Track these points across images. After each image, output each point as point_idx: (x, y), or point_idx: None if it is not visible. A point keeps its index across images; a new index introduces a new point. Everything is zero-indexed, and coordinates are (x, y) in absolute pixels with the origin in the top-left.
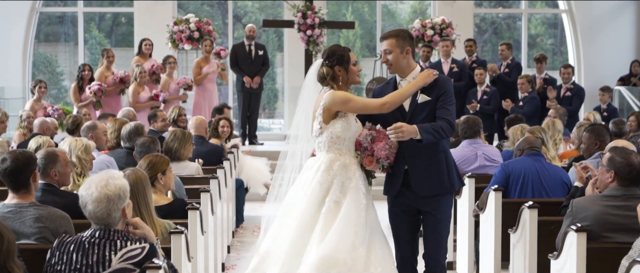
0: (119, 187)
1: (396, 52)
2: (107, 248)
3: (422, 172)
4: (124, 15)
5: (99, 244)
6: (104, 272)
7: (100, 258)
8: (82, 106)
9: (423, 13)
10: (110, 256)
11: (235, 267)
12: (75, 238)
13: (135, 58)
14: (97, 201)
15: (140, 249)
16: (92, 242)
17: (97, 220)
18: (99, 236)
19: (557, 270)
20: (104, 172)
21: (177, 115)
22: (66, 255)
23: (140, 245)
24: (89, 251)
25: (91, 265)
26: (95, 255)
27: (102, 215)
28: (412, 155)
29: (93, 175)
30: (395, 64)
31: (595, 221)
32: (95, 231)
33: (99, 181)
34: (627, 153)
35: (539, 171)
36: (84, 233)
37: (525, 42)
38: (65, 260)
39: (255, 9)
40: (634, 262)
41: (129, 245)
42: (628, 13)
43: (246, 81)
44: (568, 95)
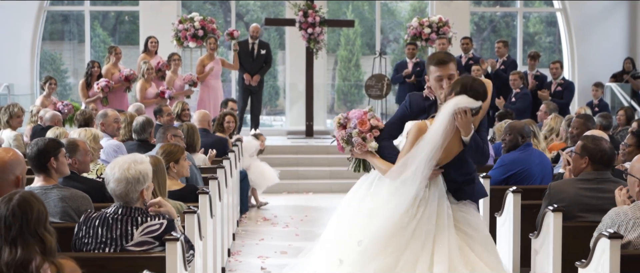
0: (140, 171)
1: (456, 75)
2: (129, 223)
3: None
4: (128, 13)
5: (122, 220)
6: (127, 244)
7: (123, 232)
8: (89, 101)
9: (422, 11)
10: (132, 230)
11: (240, 253)
12: (99, 214)
13: (142, 55)
14: (118, 181)
15: (159, 225)
16: (115, 218)
17: (117, 197)
18: (121, 213)
19: (537, 248)
20: (130, 156)
21: (181, 110)
22: (92, 230)
23: (159, 221)
24: (112, 226)
25: (115, 239)
26: (118, 230)
27: (121, 193)
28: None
29: (120, 157)
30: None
31: (571, 203)
32: (117, 208)
33: (123, 163)
34: (598, 139)
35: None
36: (108, 209)
37: (520, 40)
38: (91, 234)
39: (257, 7)
40: (601, 235)
41: (149, 221)
42: (620, 11)
43: (246, 79)
44: (559, 90)
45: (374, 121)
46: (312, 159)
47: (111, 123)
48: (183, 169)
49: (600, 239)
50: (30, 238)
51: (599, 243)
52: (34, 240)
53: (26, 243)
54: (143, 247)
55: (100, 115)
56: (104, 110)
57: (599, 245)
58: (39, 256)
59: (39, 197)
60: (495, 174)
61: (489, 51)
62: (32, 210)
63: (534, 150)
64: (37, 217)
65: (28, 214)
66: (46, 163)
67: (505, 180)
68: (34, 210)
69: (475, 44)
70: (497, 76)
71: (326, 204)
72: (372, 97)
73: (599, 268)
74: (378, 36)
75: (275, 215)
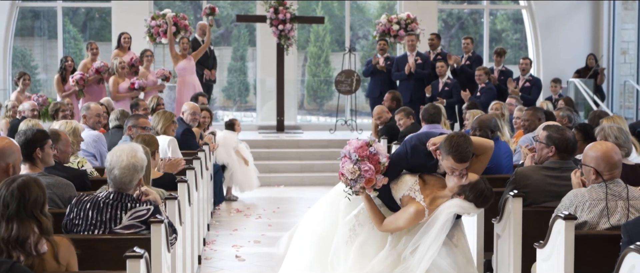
0: (142, 160)
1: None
2: (118, 208)
3: None
4: (98, 10)
5: (112, 204)
6: (115, 227)
7: (113, 216)
8: (65, 95)
9: (391, 9)
10: (121, 215)
11: (215, 243)
12: (91, 198)
13: (115, 51)
14: (126, 168)
15: (146, 210)
16: (107, 202)
17: (118, 184)
18: (113, 198)
19: (499, 232)
20: (128, 145)
21: (156, 104)
22: (83, 212)
23: (146, 207)
24: (103, 210)
25: (105, 222)
26: (108, 213)
27: (125, 180)
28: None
29: (122, 144)
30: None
31: (536, 189)
32: (110, 194)
33: (130, 151)
34: (561, 129)
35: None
36: (100, 194)
37: (487, 37)
38: (82, 216)
39: (227, 4)
40: (556, 216)
41: (137, 206)
42: (584, 9)
43: (206, 74)
44: (527, 86)
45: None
46: (284, 154)
47: (93, 116)
48: (158, 160)
49: (556, 220)
50: (26, 217)
51: (555, 224)
52: (30, 219)
53: (22, 222)
54: (130, 230)
55: (84, 108)
56: (87, 103)
57: (555, 226)
58: (35, 234)
59: (41, 184)
60: None
61: (457, 47)
62: (30, 193)
63: (502, 143)
64: (35, 200)
65: (26, 196)
66: (32, 152)
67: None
68: (33, 193)
69: (444, 40)
70: (462, 71)
71: (297, 196)
72: (342, 93)
73: (555, 249)
74: (347, 32)
75: (248, 207)
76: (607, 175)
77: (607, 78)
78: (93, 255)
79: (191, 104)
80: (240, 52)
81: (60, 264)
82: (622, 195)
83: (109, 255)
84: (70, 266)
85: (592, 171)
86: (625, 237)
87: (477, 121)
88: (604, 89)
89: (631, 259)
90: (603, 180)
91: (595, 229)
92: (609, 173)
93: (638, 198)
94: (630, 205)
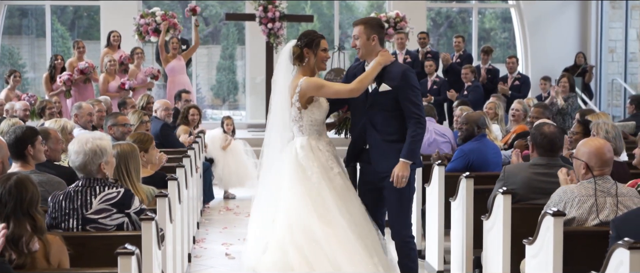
0: (98, 146)
1: (363, 39)
2: (87, 193)
3: (382, 151)
4: (86, 8)
5: (82, 191)
6: (87, 212)
7: (83, 202)
8: (53, 94)
9: (379, 7)
10: (91, 199)
11: (205, 241)
12: (64, 191)
13: (104, 50)
14: (77, 153)
15: (116, 193)
16: (77, 190)
17: (77, 168)
18: (82, 185)
19: (488, 229)
20: (92, 133)
21: (146, 103)
22: (57, 204)
23: (116, 190)
24: (74, 197)
25: (76, 209)
26: (79, 200)
27: (80, 164)
28: (371, 134)
29: (83, 133)
30: (362, 49)
31: (523, 186)
32: (79, 181)
33: (82, 138)
34: (541, 125)
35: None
36: (71, 186)
37: (475, 35)
38: (57, 209)
39: (216, 3)
40: (545, 213)
41: (106, 189)
42: (572, 7)
43: None
44: (516, 84)
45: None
46: None
47: (85, 115)
48: (152, 157)
49: (545, 217)
50: (22, 216)
51: (544, 221)
52: (25, 218)
53: (18, 220)
54: (102, 215)
55: (75, 107)
56: (79, 103)
57: (544, 223)
58: (28, 232)
59: (34, 181)
60: (457, 165)
61: (446, 45)
62: (27, 191)
63: (489, 141)
64: (31, 198)
65: (23, 194)
66: (24, 149)
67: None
68: (29, 192)
69: (432, 39)
70: (452, 69)
71: None
72: None
73: (544, 245)
74: (336, 31)
75: (238, 205)
76: (597, 170)
77: (595, 76)
78: (84, 253)
79: (162, 100)
80: (229, 51)
81: (50, 263)
82: (611, 192)
83: (100, 252)
84: (61, 264)
85: (583, 165)
86: (613, 233)
87: (466, 116)
88: (592, 88)
89: (619, 255)
90: (592, 176)
91: (584, 225)
92: (599, 169)
93: (626, 194)
94: (619, 201)
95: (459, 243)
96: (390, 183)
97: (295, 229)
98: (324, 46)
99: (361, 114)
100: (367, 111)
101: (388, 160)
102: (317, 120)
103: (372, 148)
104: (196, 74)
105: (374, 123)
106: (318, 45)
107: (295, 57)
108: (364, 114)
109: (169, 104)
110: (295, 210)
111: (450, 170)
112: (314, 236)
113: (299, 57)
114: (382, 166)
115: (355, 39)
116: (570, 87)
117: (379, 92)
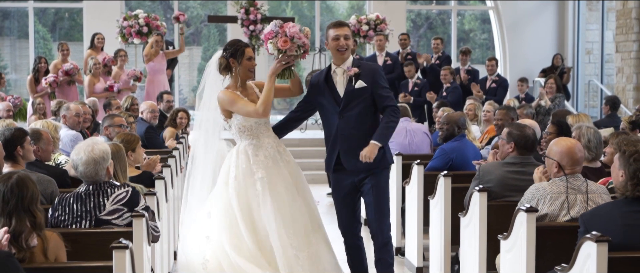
0: (102, 150)
1: (351, 40)
2: (100, 196)
3: (355, 153)
4: (68, 10)
5: (94, 194)
6: (100, 214)
7: (96, 204)
8: (37, 96)
9: (360, 9)
10: (104, 201)
11: None
12: (73, 193)
13: (88, 51)
14: (86, 163)
15: (125, 193)
16: (88, 193)
17: (87, 178)
18: (92, 189)
19: (465, 225)
20: (88, 139)
21: (130, 104)
22: (68, 207)
23: (125, 190)
24: (86, 200)
25: (89, 211)
26: (91, 203)
27: (91, 174)
28: (345, 137)
29: (80, 142)
30: (349, 49)
31: (498, 183)
32: (88, 186)
33: (86, 147)
34: (522, 127)
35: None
36: (80, 188)
37: (454, 37)
38: (67, 211)
39: (197, 5)
40: (518, 209)
41: (116, 191)
42: (550, 10)
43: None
44: (494, 86)
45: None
46: None
47: (72, 116)
48: (139, 156)
49: (518, 213)
50: (23, 213)
51: (518, 217)
52: (26, 215)
53: (19, 217)
54: (114, 215)
55: (64, 108)
56: (68, 104)
57: (518, 219)
58: (28, 228)
59: (33, 180)
60: (438, 163)
61: (426, 47)
62: (27, 189)
63: (468, 142)
64: (31, 196)
65: (24, 192)
66: (13, 150)
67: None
68: (29, 190)
69: (412, 40)
70: (432, 70)
71: None
72: None
73: (518, 240)
74: (317, 32)
75: None
76: (568, 169)
77: (572, 78)
78: (79, 249)
79: (149, 102)
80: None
81: (48, 258)
82: (581, 189)
83: (94, 248)
84: (59, 258)
85: (554, 164)
86: (582, 227)
87: (446, 117)
88: (570, 89)
89: (587, 248)
90: (564, 174)
91: (555, 221)
92: (570, 167)
93: (596, 191)
94: (589, 198)
95: (437, 241)
96: (369, 186)
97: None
98: (248, 54)
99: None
100: (340, 111)
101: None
102: (245, 126)
103: (347, 149)
104: (178, 75)
105: (349, 122)
106: (243, 54)
107: (222, 68)
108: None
109: (155, 106)
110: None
111: (431, 168)
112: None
113: (226, 68)
114: (357, 167)
115: (346, 39)
116: (557, 88)
117: (355, 91)
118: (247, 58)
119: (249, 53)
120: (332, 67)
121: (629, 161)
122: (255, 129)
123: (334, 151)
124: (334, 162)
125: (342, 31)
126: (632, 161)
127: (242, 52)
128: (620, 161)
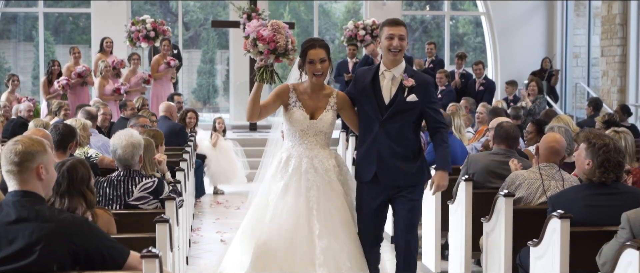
0: (138, 140)
1: (406, 42)
2: (129, 183)
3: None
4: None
5: (124, 180)
6: (129, 199)
7: (125, 190)
8: (50, 98)
9: (356, 13)
10: (132, 188)
11: (200, 229)
12: (106, 178)
13: (98, 55)
14: (125, 147)
15: (152, 182)
16: (119, 179)
17: (123, 161)
18: (123, 175)
19: (453, 211)
20: (125, 130)
21: (141, 105)
22: (102, 190)
23: (152, 179)
24: (117, 186)
25: (119, 196)
26: (121, 188)
27: (127, 157)
28: (385, 149)
29: (119, 132)
30: (403, 51)
31: (483, 170)
32: (120, 172)
33: (125, 134)
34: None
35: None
36: (113, 174)
37: (448, 41)
38: (101, 194)
39: (197, 8)
40: (498, 194)
41: (144, 180)
42: (539, 14)
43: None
44: (481, 89)
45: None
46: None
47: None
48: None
49: (498, 198)
50: (75, 193)
51: (498, 202)
52: (77, 194)
53: (72, 197)
54: (141, 201)
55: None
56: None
57: (498, 203)
58: (82, 206)
59: (86, 163)
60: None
61: (421, 50)
62: (77, 172)
63: (454, 137)
64: (81, 178)
65: (73, 175)
66: (69, 143)
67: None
68: (79, 173)
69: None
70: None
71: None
72: None
73: (498, 222)
74: (316, 36)
75: (227, 199)
76: (542, 158)
77: (561, 80)
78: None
79: (167, 103)
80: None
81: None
82: (555, 176)
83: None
84: (110, 232)
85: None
86: (549, 207)
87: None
88: (558, 91)
89: (553, 224)
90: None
91: (530, 204)
92: (545, 157)
93: (568, 180)
94: (564, 184)
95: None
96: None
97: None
98: (310, 57)
99: (372, 125)
100: (383, 121)
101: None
102: (284, 129)
103: (386, 163)
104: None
105: (390, 134)
106: (305, 56)
107: (298, 66)
108: (377, 125)
109: (174, 107)
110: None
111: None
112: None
113: (300, 67)
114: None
115: (402, 40)
116: (539, 90)
117: (405, 103)
118: (308, 61)
119: (310, 56)
120: (381, 68)
121: (598, 152)
122: (290, 134)
123: (370, 162)
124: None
125: (398, 31)
126: (601, 152)
127: (304, 54)
128: (588, 151)
